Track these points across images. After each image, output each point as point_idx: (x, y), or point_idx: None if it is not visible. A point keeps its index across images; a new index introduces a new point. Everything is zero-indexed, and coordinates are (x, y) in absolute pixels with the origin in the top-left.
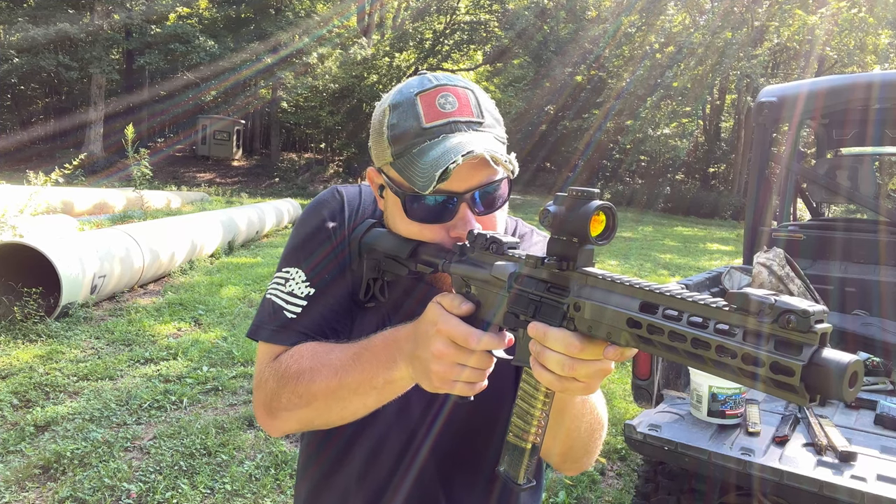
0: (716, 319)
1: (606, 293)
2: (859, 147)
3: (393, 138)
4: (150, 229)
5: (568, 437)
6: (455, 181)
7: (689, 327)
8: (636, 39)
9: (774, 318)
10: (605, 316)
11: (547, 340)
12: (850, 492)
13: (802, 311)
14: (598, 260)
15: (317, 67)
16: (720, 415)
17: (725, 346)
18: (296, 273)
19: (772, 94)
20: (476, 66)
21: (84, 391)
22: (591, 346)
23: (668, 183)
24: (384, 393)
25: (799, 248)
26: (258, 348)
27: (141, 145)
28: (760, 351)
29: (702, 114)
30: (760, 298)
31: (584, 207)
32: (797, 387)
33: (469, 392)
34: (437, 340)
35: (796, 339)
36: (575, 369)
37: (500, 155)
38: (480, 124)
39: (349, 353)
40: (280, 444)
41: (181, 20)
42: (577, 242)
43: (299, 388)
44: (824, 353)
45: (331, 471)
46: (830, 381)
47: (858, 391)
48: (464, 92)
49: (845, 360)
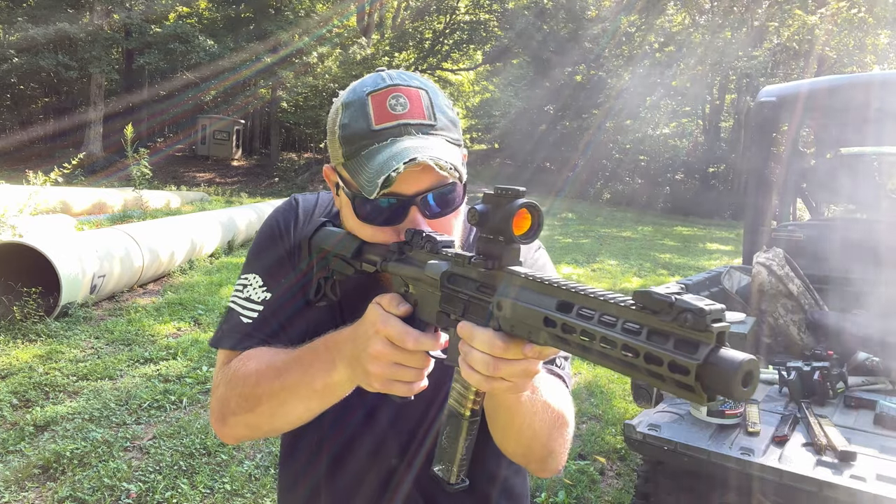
0: (625, 318)
1: (529, 292)
2: (859, 147)
3: (344, 139)
4: (149, 229)
5: (520, 435)
6: (404, 184)
7: (600, 326)
8: (636, 39)
9: (674, 316)
10: (525, 315)
11: (473, 340)
12: (850, 492)
13: (698, 310)
14: (598, 260)
15: (317, 67)
16: (720, 414)
17: (630, 344)
18: (253, 279)
19: (772, 94)
20: (476, 65)
21: (84, 391)
22: (514, 345)
23: (667, 183)
24: (325, 396)
25: (799, 248)
26: (217, 356)
27: (140, 145)
28: (660, 350)
29: (701, 113)
30: (661, 297)
31: (508, 206)
32: (693, 386)
33: (408, 392)
34: (375, 341)
35: (694, 337)
36: (499, 369)
37: (444, 161)
38: (432, 127)
39: (292, 355)
40: (279, 443)
41: (181, 20)
42: (503, 241)
43: (245, 392)
44: (720, 353)
45: (303, 469)
46: (724, 380)
47: (754, 391)
48: (416, 92)
49: (738, 359)
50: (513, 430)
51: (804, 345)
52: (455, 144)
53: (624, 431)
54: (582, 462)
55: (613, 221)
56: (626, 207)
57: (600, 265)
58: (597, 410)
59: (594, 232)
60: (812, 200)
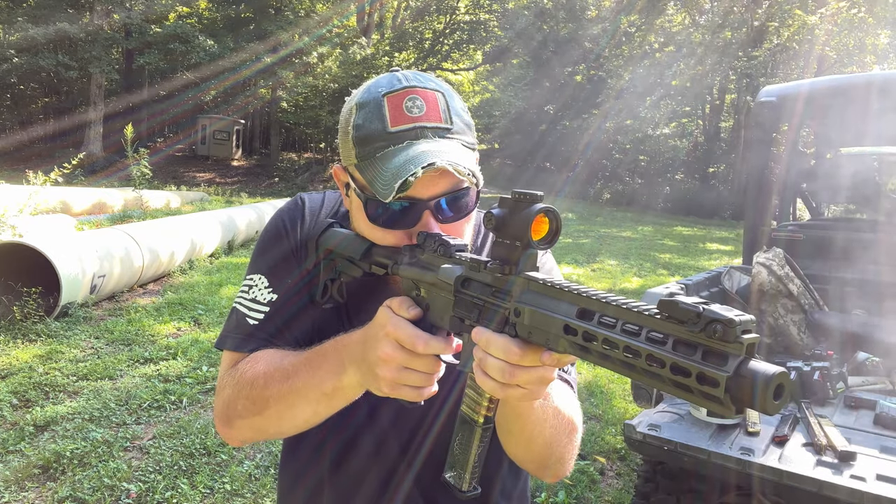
0: (649, 328)
1: (547, 299)
2: (859, 147)
3: (358, 139)
4: (149, 229)
5: (531, 442)
6: (419, 188)
7: (623, 335)
8: (636, 39)
9: (702, 327)
10: (544, 322)
11: (489, 346)
12: (850, 492)
13: (728, 321)
14: (598, 260)
15: (316, 67)
16: (719, 415)
17: (655, 354)
18: (258, 280)
19: (772, 94)
20: (476, 65)
21: (83, 391)
22: (530, 352)
23: (667, 183)
24: (334, 399)
25: (799, 248)
26: (222, 357)
27: (140, 145)
28: (688, 361)
29: (701, 113)
30: (689, 307)
31: (526, 211)
32: (722, 398)
33: (417, 397)
34: (384, 344)
35: (723, 349)
36: (515, 376)
37: (462, 167)
38: (448, 130)
39: (301, 358)
40: (279, 444)
41: (181, 20)
42: (520, 246)
43: (253, 394)
44: (750, 365)
45: (304, 469)
46: (755, 393)
47: (785, 404)
48: (433, 95)
49: (770, 372)
50: (524, 438)
51: (804, 345)
52: (470, 148)
53: (624, 431)
54: (582, 462)
55: (613, 221)
56: (626, 207)
57: (600, 265)
58: (597, 410)
59: (594, 232)
60: (812, 200)
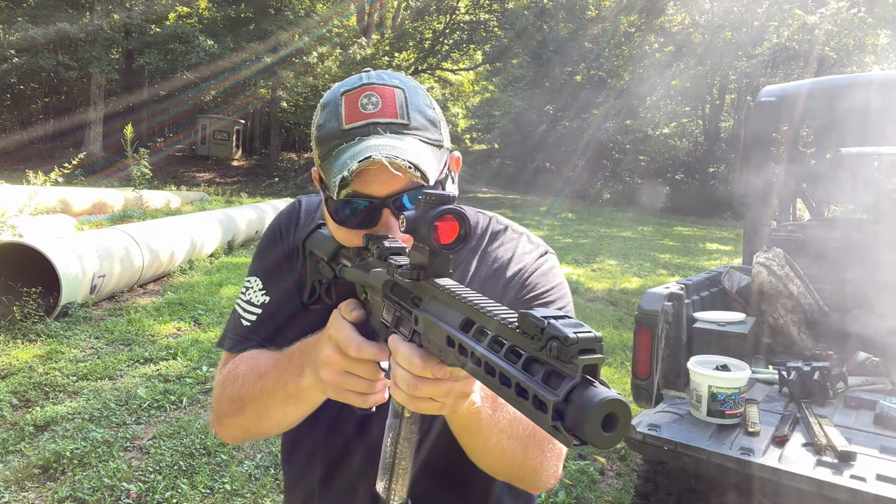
0: (511, 342)
1: (443, 307)
2: (859, 147)
3: (318, 139)
4: (149, 229)
5: (489, 455)
6: (375, 186)
7: (487, 350)
8: (636, 39)
9: (543, 343)
10: (434, 332)
11: (396, 355)
12: (850, 491)
13: (564, 338)
14: (598, 260)
15: (317, 67)
16: (719, 414)
17: (505, 373)
18: (254, 282)
19: (772, 94)
20: (476, 65)
21: (83, 391)
22: (433, 363)
23: (667, 183)
24: (299, 402)
25: (799, 248)
26: (221, 356)
27: (140, 145)
28: (529, 382)
29: (701, 113)
30: (536, 320)
31: (430, 213)
32: (555, 426)
33: (362, 403)
34: (326, 346)
35: (562, 370)
36: (419, 388)
37: (401, 160)
38: (405, 126)
39: (273, 359)
40: (279, 444)
41: (181, 20)
42: (428, 250)
43: (233, 393)
44: (586, 390)
45: (299, 475)
46: (583, 423)
47: (620, 438)
48: (391, 91)
49: (598, 398)
50: (478, 450)
51: (804, 345)
52: (432, 144)
53: None
54: (582, 462)
55: (613, 221)
56: (626, 207)
57: (600, 265)
58: None
59: (594, 232)
60: (812, 200)
